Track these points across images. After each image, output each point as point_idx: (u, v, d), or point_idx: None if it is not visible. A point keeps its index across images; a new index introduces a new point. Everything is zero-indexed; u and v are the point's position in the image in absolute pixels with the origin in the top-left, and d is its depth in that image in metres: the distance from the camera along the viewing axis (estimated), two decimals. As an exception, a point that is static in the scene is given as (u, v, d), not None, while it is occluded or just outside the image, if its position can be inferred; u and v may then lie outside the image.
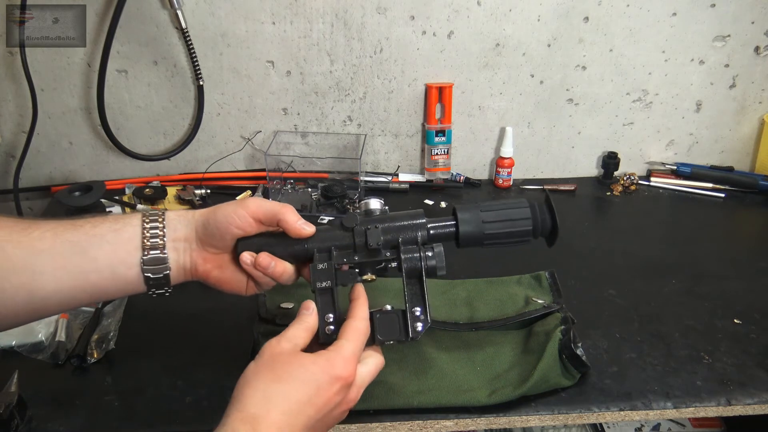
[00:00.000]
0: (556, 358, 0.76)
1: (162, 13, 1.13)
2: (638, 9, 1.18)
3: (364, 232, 0.62)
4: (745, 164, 1.36)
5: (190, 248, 0.63)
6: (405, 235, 0.63)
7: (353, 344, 0.57)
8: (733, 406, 0.76)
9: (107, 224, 0.60)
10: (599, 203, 1.27)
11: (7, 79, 1.17)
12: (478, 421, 0.73)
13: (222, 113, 1.25)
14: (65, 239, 0.58)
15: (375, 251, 0.62)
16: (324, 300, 0.60)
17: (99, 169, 1.28)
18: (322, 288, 0.60)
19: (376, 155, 1.31)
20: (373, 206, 0.66)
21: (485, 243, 0.65)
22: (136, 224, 0.61)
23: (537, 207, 0.66)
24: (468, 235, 0.64)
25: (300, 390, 0.53)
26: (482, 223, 0.64)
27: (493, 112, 1.28)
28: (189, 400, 0.75)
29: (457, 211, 0.65)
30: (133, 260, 0.60)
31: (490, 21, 1.17)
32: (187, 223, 0.63)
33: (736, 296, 0.95)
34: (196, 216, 0.63)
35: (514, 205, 0.66)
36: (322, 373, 0.54)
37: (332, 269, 0.60)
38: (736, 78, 1.26)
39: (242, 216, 0.62)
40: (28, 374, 0.75)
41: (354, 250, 0.62)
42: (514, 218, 0.65)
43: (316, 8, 1.15)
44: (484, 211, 0.65)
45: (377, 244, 0.61)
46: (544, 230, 0.66)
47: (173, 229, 0.62)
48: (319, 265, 0.60)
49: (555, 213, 0.65)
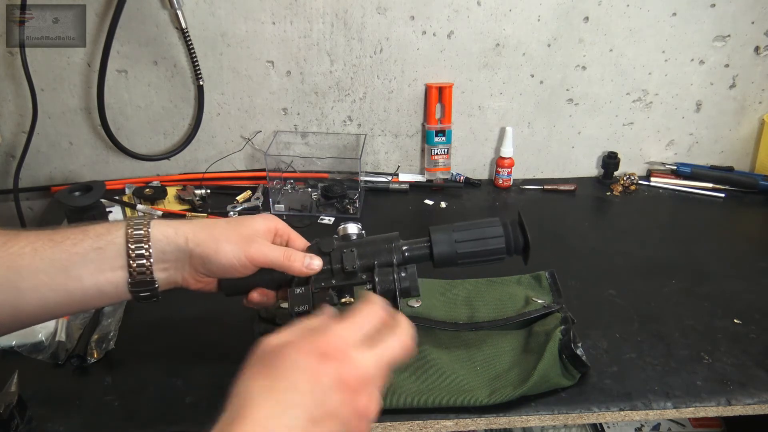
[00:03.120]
0: (556, 358, 0.76)
1: (162, 13, 1.13)
2: (638, 9, 1.18)
3: (341, 256, 0.64)
4: (745, 164, 1.36)
5: (181, 270, 0.61)
6: (380, 257, 0.65)
7: (346, 322, 0.49)
8: (733, 406, 0.76)
9: (88, 242, 0.57)
10: (599, 203, 1.27)
11: (7, 79, 1.17)
12: (478, 421, 0.73)
13: (222, 113, 1.25)
14: (45, 257, 0.56)
15: (351, 274, 0.64)
16: None
17: (99, 169, 1.28)
18: (300, 311, 0.61)
19: (376, 155, 1.31)
20: (351, 231, 0.68)
21: (459, 262, 0.67)
22: (120, 242, 0.58)
23: (509, 225, 0.68)
24: (442, 255, 0.66)
25: (282, 380, 0.44)
26: (455, 243, 0.66)
27: (493, 112, 1.28)
28: (189, 400, 0.75)
29: (431, 232, 0.67)
30: (119, 281, 0.58)
31: (490, 21, 1.18)
32: (177, 248, 0.60)
33: (736, 296, 0.95)
34: (191, 245, 0.60)
35: (487, 224, 0.68)
36: (305, 355, 0.45)
37: (309, 293, 0.62)
38: (736, 78, 1.26)
39: (245, 265, 0.61)
40: (28, 374, 0.75)
41: (331, 273, 0.64)
42: (486, 237, 0.67)
43: (316, 8, 1.15)
44: (457, 231, 0.67)
45: (353, 267, 0.63)
46: (516, 248, 0.67)
47: (161, 251, 0.59)
48: (297, 289, 0.62)
49: (526, 230, 0.67)
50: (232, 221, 0.64)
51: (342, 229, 0.69)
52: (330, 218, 1.17)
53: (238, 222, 0.64)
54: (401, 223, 1.17)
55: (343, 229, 0.69)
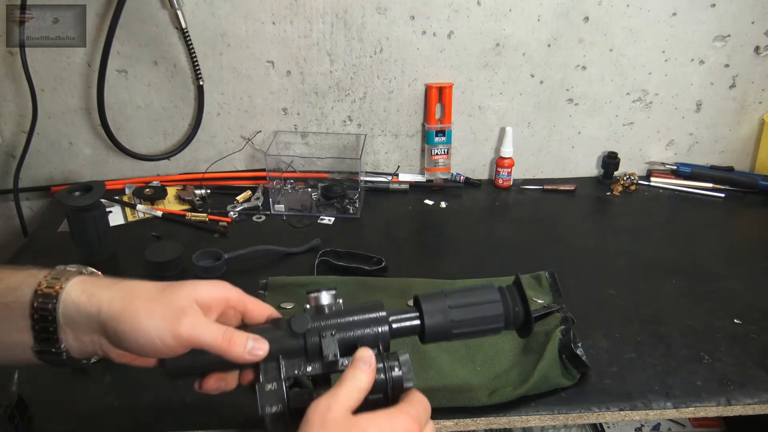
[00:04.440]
0: (556, 358, 0.76)
1: (162, 13, 1.13)
2: (638, 9, 1.18)
3: (318, 341, 0.52)
4: (745, 164, 1.36)
5: (98, 342, 0.51)
6: (364, 337, 0.54)
7: (416, 408, 0.48)
8: (733, 406, 0.76)
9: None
10: (599, 203, 1.27)
11: (7, 79, 1.17)
12: (478, 421, 0.73)
13: (222, 113, 1.25)
14: None
15: (332, 363, 0.52)
16: (276, 426, 0.50)
17: (99, 169, 1.28)
18: (273, 413, 0.50)
19: (376, 155, 1.31)
20: (324, 301, 0.56)
21: (454, 332, 0.56)
22: (26, 299, 0.49)
23: (507, 291, 0.59)
24: (434, 327, 0.55)
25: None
26: (449, 310, 0.56)
27: (493, 112, 1.28)
28: (189, 400, 0.75)
29: (421, 301, 0.56)
30: (25, 344, 0.50)
31: (490, 21, 1.17)
32: (88, 318, 0.49)
33: (736, 296, 0.95)
34: (103, 317, 0.49)
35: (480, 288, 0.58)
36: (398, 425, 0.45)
37: (282, 390, 0.50)
38: (736, 78, 1.26)
39: (170, 346, 0.49)
40: (28, 374, 0.75)
41: (306, 359, 0.52)
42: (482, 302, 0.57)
43: (316, 8, 1.15)
44: (450, 296, 0.57)
45: (334, 356, 0.51)
46: (516, 319, 0.58)
47: (70, 319, 0.49)
48: (267, 385, 0.50)
49: (527, 299, 0.58)
50: (168, 286, 0.52)
51: (313, 298, 0.56)
52: (330, 218, 1.17)
53: (172, 288, 0.51)
54: (401, 223, 1.18)
55: (315, 297, 0.56)
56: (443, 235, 1.15)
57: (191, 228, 1.13)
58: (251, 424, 0.71)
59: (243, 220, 1.16)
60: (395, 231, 1.15)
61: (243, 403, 0.74)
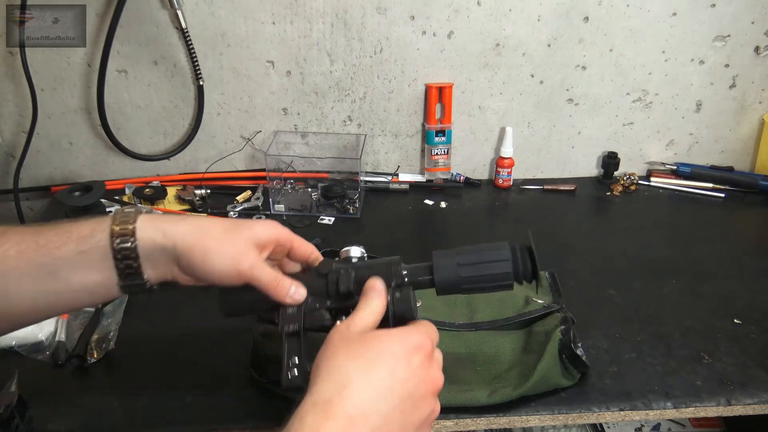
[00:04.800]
0: (556, 358, 0.76)
1: (162, 13, 1.13)
2: (638, 9, 1.18)
3: (337, 278, 0.61)
4: (745, 164, 1.36)
5: (170, 268, 0.58)
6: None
7: (427, 328, 0.54)
8: (733, 406, 0.76)
9: (71, 245, 0.55)
10: (599, 203, 1.27)
11: (7, 79, 1.17)
12: (478, 421, 0.73)
13: (222, 113, 1.25)
14: (30, 260, 0.54)
15: (346, 295, 0.61)
16: (291, 344, 0.59)
17: (99, 169, 1.28)
18: (290, 331, 0.59)
19: (376, 155, 1.31)
20: (353, 254, 0.65)
21: (463, 287, 0.62)
22: (104, 245, 0.55)
23: (518, 248, 0.62)
24: (444, 280, 0.62)
25: (378, 365, 0.49)
26: (458, 266, 0.61)
27: (493, 112, 1.28)
28: (189, 400, 0.75)
29: (434, 256, 0.63)
30: (108, 282, 0.56)
31: (490, 21, 1.18)
32: (164, 252, 0.57)
33: (736, 296, 0.95)
34: (179, 251, 0.56)
35: (493, 248, 0.62)
36: (399, 343, 0.51)
37: (301, 314, 0.60)
38: (736, 78, 1.26)
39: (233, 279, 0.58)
40: (28, 374, 0.75)
41: (327, 295, 0.61)
42: (492, 260, 0.61)
43: (316, 8, 1.15)
44: (460, 254, 0.62)
45: (348, 289, 0.60)
46: (525, 273, 0.62)
47: (148, 253, 0.56)
48: (288, 309, 0.60)
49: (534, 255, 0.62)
50: (231, 226, 0.60)
51: (344, 252, 0.66)
52: (330, 218, 1.17)
53: (235, 229, 0.60)
54: (401, 223, 1.18)
55: (346, 251, 0.66)
56: (443, 235, 1.15)
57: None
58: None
59: (243, 220, 1.17)
60: (395, 231, 1.15)
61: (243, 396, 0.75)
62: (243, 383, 0.77)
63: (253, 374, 0.76)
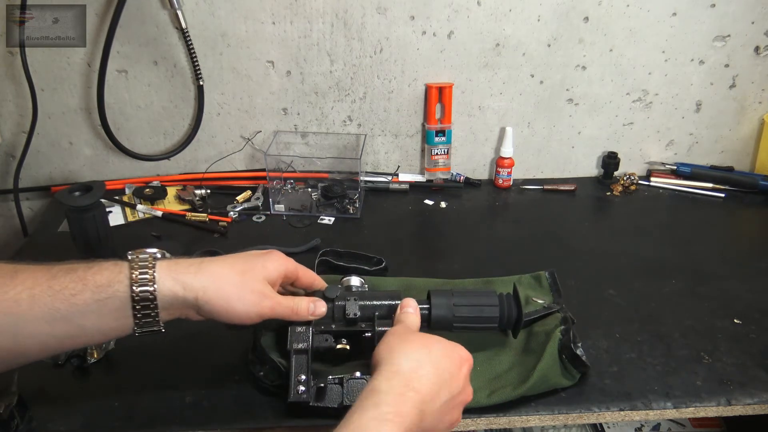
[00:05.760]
0: (555, 359, 0.76)
1: (162, 13, 1.13)
2: (638, 9, 1.18)
3: (344, 304, 0.68)
4: (745, 164, 1.36)
5: (187, 314, 0.62)
6: (381, 310, 0.69)
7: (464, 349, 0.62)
8: (733, 406, 0.76)
9: (88, 293, 0.56)
10: (599, 203, 1.27)
11: (7, 79, 1.17)
12: (478, 421, 0.73)
13: (222, 113, 1.25)
14: (44, 305, 0.55)
15: (351, 321, 0.67)
16: (299, 361, 0.65)
17: (99, 169, 1.28)
18: (298, 349, 0.65)
19: (376, 155, 1.31)
20: (354, 283, 0.74)
21: (454, 326, 0.71)
22: (123, 297, 0.57)
23: (505, 297, 0.73)
24: (439, 317, 0.70)
25: (441, 360, 0.57)
26: (453, 306, 0.70)
27: (493, 112, 1.28)
28: (189, 400, 0.75)
29: (431, 295, 0.71)
30: (124, 327, 0.59)
31: (490, 21, 1.17)
32: (185, 304, 0.60)
33: (736, 296, 0.95)
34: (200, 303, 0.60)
35: (484, 294, 0.73)
36: (454, 353, 0.59)
37: (309, 333, 0.66)
38: (736, 78, 1.26)
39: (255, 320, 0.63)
40: (28, 374, 0.74)
41: (332, 319, 0.68)
42: (483, 304, 0.71)
43: (316, 8, 1.15)
44: (456, 296, 0.71)
45: (354, 315, 0.67)
46: (509, 320, 0.72)
47: (168, 305, 0.59)
48: (298, 328, 0.66)
49: (521, 305, 0.72)
50: (245, 268, 0.64)
51: (345, 281, 0.74)
52: (330, 218, 1.17)
53: (250, 270, 0.64)
54: (401, 223, 1.18)
55: (347, 280, 0.74)
56: (443, 235, 1.15)
57: (191, 228, 1.13)
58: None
59: (243, 220, 1.16)
60: (395, 231, 1.15)
61: (244, 395, 0.75)
62: (243, 383, 0.77)
63: (251, 370, 0.76)
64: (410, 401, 0.52)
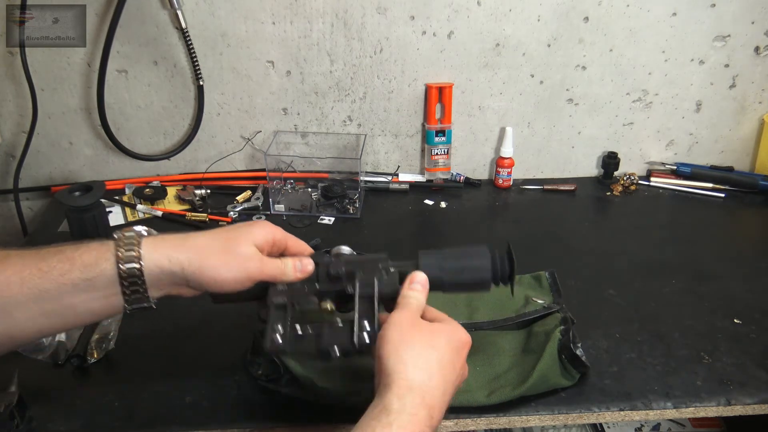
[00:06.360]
0: (555, 359, 0.76)
1: (162, 13, 1.13)
2: (638, 9, 1.18)
3: (327, 264, 0.67)
4: (745, 164, 1.36)
5: (176, 288, 0.62)
6: (366, 263, 0.68)
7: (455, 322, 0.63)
8: (733, 406, 0.76)
9: (76, 272, 0.56)
10: (599, 203, 1.27)
11: (7, 79, 1.17)
12: (478, 421, 0.73)
13: (222, 113, 1.25)
14: (34, 286, 0.55)
15: (335, 279, 0.66)
16: (277, 314, 0.64)
17: (99, 169, 1.28)
18: (278, 304, 0.64)
19: (376, 155, 1.31)
20: (343, 251, 0.74)
21: (446, 285, 0.67)
22: (110, 274, 0.57)
23: (497, 254, 0.68)
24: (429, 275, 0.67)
25: (446, 354, 0.58)
26: (443, 267, 0.67)
27: (493, 112, 1.28)
28: (189, 400, 0.75)
29: (420, 255, 0.69)
30: (114, 305, 0.59)
31: (490, 21, 1.17)
32: (173, 276, 0.59)
33: (736, 296, 0.95)
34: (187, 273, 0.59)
35: (475, 252, 0.68)
36: (456, 339, 0.60)
37: (289, 289, 0.66)
38: (736, 78, 1.26)
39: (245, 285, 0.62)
40: (28, 374, 0.75)
41: (317, 279, 0.67)
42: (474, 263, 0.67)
43: (316, 8, 1.15)
44: (445, 255, 0.68)
45: (337, 272, 0.66)
46: (503, 277, 0.68)
47: (156, 279, 0.59)
48: (278, 286, 0.66)
49: (514, 260, 0.67)
50: (230, 235, 0.63)
51: (335, 249, 0.74)
52: (330, 218, 1.17)
53: (235, 237, 0.63)
54: (401, 223, 1.18)
55: (336, 249, 0.74)
56: (443, 235, 1.15)
57: (191, 228, 1.13)
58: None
59: (243, 220, 1.17)
60: (395, 231, 1.15)
61: (244, 395, 0.75)
62: (243, 383, 0.77)
63: (251, 370, 0.76)
64: (423, 420, 0.52)
